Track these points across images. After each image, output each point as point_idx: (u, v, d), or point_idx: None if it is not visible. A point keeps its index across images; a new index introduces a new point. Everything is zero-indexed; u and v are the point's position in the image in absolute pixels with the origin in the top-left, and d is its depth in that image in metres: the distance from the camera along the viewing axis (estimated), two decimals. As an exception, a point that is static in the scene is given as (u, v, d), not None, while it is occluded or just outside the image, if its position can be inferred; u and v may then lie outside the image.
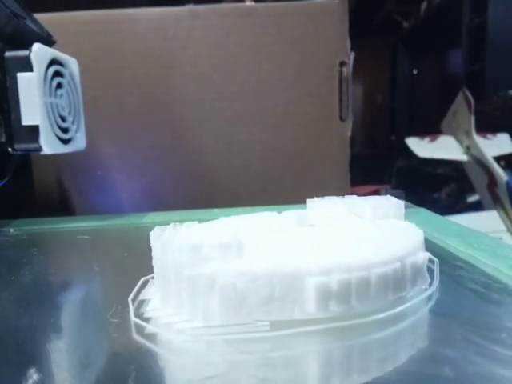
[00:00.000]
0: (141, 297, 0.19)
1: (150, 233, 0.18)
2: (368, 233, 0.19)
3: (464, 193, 2.24)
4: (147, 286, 0.20)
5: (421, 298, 0.17)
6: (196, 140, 0.54)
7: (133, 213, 0.53)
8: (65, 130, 0.37)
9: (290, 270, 0.15)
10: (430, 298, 0.18)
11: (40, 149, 0.33)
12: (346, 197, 0.23)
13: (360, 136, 3.92)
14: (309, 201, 0.24)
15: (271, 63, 0.53)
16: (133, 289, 0.20)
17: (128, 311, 0.17)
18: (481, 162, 1.87)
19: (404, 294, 0.17)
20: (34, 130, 0.33)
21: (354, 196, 0.24)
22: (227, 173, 0.55)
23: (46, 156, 0.52)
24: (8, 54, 0.33)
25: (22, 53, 0.33)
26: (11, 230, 0.34)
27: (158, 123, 0.54)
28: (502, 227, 1.72)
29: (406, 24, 3.35)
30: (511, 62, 2.21)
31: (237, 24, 0.53)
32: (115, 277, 0.23)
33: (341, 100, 0.54)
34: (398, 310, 0.16)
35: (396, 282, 0.17)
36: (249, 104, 0.54)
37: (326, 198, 0.24)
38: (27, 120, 0.33)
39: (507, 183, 1.71)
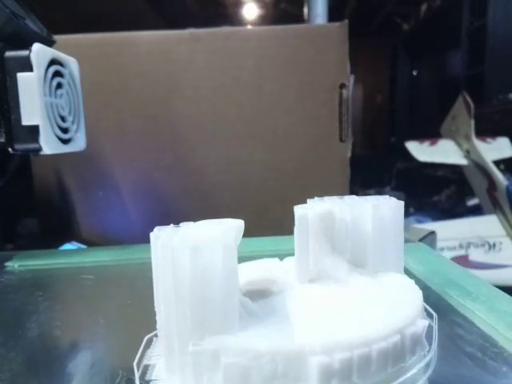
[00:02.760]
0: (145, 360, 0.19)
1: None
2: (368, 299, 0.20)
3: (464, 196, 2.24)
4: (152, 346, 0.21)
5: (419, 366, 0.18)
6: (197, 161, 0.54)
7: (135, 239, 0.53)
8: (65, 130, 0.37)
9: (293, 349, 0.16)
10: (428, 364, 0.18)
11: (40, 149, 0.33)
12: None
13: (360, 137, 3.92)
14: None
15: (271, 86, 0.54)
16: (137, 348, 0.20)
17: (133, 379, 0.18)
18: (480, 167, 1.87)
19: (403, 364, 0.18)
20: (34, 130, 0.33)
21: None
22: (228, 193, 0.55)
23: (46, 159, 0.53)
24: (8, 53, 0.33)
25: (22, 53, 0.33)
26: (16, 265, 0.34)
27: (160, 145, 0.54)
28: (502, 232, 1.73)
29: (405, 26, 3.35)
30: (511, 65, 2.21)
31: (237, 47, 0.53)
32: (120, 332, 0.23)
33: (341, 121, 0.55)
34: (397, 382, 0.17)
35: (396, 355, 0.17)
36: (249, 125, 0.54)
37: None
38: (27, 120, 0.33)
39: (507, 188, 1.72)
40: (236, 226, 0.20)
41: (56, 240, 0.54)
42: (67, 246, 0.52)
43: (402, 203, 0.23)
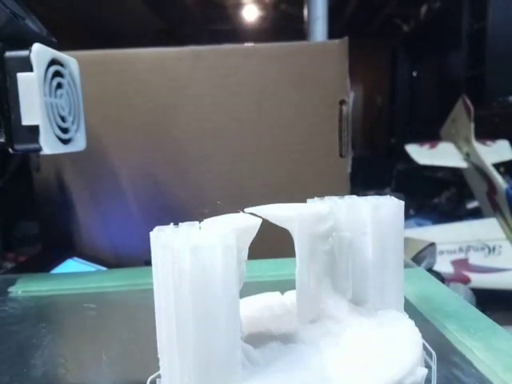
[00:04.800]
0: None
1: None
2: (368, 345, 0.20)
3: (464, 198, 2.25)
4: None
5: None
6: (198, 176, 0.55)
7: (134, 253, 0.54)
8: (65, 130, 0.37)
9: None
10: (427, 412, 0.19)
11: (40, 149, 0.33)
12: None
13: (360, 138, 3.92)
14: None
15: (272, 102, 0.54)
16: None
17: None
18: (480, 170, 1.88)
19: (403, 415, 0.18)
20: (34, 130, 0.33)
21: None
22: (228, 208, 0.55)
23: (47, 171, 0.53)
24: (8, 54, 0.33)
25: (22, 53, 0.33)
26: (19, 291, 0.35)
27: (161, 160, 0.54)
28: (502, 235, 1.73)
29: (405, 27, 3.35)
30: (511, 67, 2.22)
31: (238, 64, 0.54)
32: (123, 371, 0.23)
33: (341, 137, 0.55)
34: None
35: (395, 407, 0.17)
36: (250, 141, 0.54)
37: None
38: (27, 120, 0.33)
39: (506, 191, 1.72)
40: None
41: (57, 252, 0.54)
42: (69, 263, 0.53)
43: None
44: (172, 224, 0.20)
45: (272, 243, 0.54)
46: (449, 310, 0.28)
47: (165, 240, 0.18)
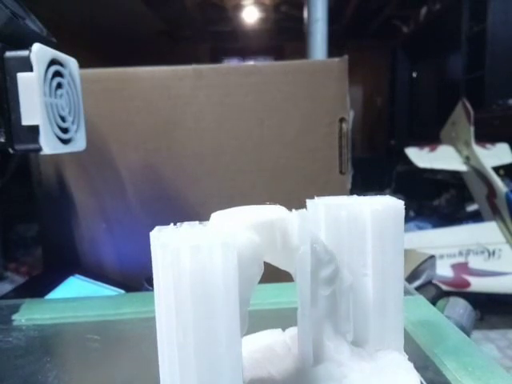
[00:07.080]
0: None
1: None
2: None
3: (464, 200, 2.25)
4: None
5: None
6: (199, 192, 0.55)
7: (136, 270, 0.54)
8: (65, 130, 0.37)
9: None
10: None
11: (40, 149, 0.33)
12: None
13: (360, 139, 3.93)
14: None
15: (272, 120, 0.54)
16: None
17: None
18: (480, 173, 1.88)
19: None
20: (34, 130, 0.33)
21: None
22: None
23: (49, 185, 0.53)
24: (8, 54, 0.33)
25: (22, 53, 0.33)
26: (23, 319, 0.35)
27: (162, 177, 0.55)
28: (502, 239, 1.74)
29: (405, 29, 3.35)
30: (510, 70, 2.22)
31: (238, 82, 0.54)
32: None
33: (341, 154, 0.55)
34: None
35: None
36: (251, 158, 0.55)
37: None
38: (27, 120, 0.33)
39: (506, 195, 1.73)
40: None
41: (58, 270, 0.55)
42: (71, 281, 0.53)
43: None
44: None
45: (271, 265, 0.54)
46: (448, 344, 0.28)
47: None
